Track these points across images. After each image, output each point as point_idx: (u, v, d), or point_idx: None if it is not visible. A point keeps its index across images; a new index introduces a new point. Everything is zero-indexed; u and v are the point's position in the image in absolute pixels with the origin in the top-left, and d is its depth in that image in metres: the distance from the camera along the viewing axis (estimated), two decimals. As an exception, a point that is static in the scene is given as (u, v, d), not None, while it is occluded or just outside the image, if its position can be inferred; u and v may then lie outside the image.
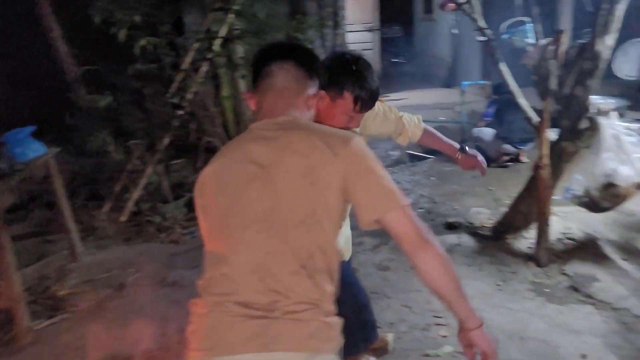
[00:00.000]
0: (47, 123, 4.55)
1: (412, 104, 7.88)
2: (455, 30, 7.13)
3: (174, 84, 4.63)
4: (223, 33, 4.65)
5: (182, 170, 4.93)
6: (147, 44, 4.17)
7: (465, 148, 2.18)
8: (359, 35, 9.00)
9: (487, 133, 5.56)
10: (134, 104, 4.93)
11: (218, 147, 4.68)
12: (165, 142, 4.50)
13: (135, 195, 4.33)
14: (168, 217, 4.29)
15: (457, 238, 3.93)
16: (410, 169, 5.73)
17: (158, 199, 4.49)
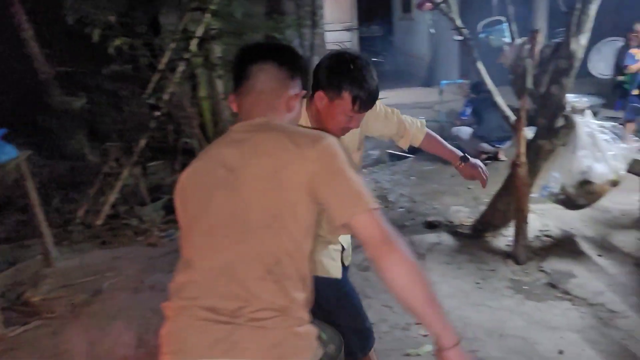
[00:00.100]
0: (19, 125, 4.45)
1: (391, 103, 7.79)
2: (433, 30, 7.18)
3: (151, 85, 4.56)
4: (200, 33, 4.60)
5: (159, 172, 4.87)
6: (122, 44, 4.09)
7: (467, 157, 2.13)
8: (338, 35, 9.00)
9: (465, 132, 5.60)
10: (110, 106, 4.86)
11: (196, 148, 4.64)
12: (142, 143, 4.44)
13: (112, 198, 4.26)
14: (145, 219, 4.23)
15: (436, 237, 3.94)
16: (390, 168, 5.74)
17: (135, 202, 4.42)
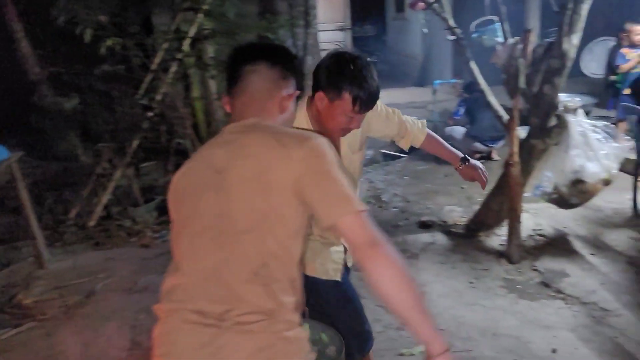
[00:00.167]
0: (11, 126, 4.43)
1: (384, 103, 7.90)
2: (426, 30, 7.19)
3: (143, 85, 4.54)
4: (192, 33, 4.58)
5: (152, 173, 4.85)
6: (113, 45, 4.07)
7: (468, 159, 2.12)
8: (331, 35, 9.00)
9: (458, 131, 5.61)
10: (102, 106, 4.83)
11: (189, 148, 4.62)
12: (135, 144, 4.42)
13: (104, 199, 4.23)
14: (138, 220, 4.21)
15: (430, 237, 3.95)
16: (384, 168, 5.75)
17: (128, 203, 4.40)
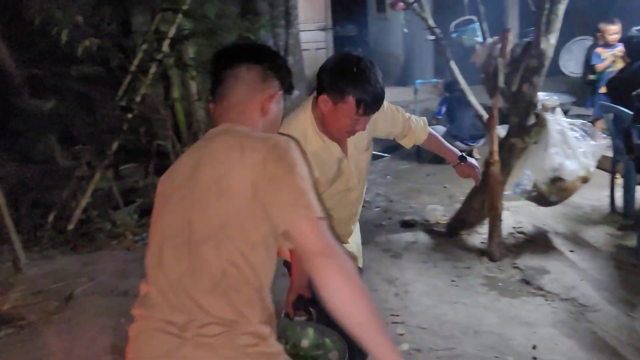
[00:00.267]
0: (-14, 129, 4.33)
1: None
2: (406, 30, 7.22)
3: (122, 87, 4.49)
4: (172, 34, 4.54)
5: (133, 175, 4.80)
6: (91, 45, 4.01)
7: (466, 157, 2.19)
8: (313, 35, 8.98)
9: (439, 130, 5.64)
10: (81, 108, 4.76)
11: (169, 150, 4.58)
12: (114, 146, 4.36)
13: (83, 203, 4.17)
14: (119, 223, 4.16)
15: (413, 236, 3.97)
16: (367, 168, 5.75)
17: (108, 206, 4.35)
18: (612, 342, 2.62)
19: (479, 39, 4.37)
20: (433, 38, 4.03)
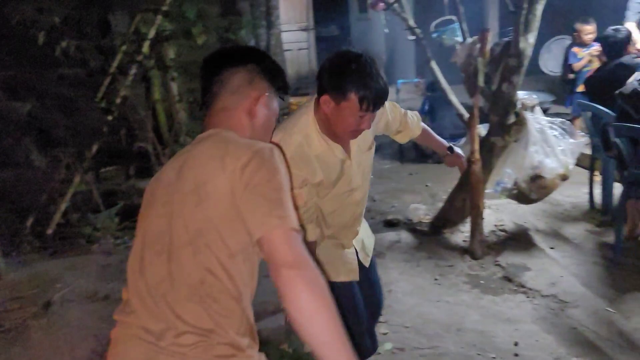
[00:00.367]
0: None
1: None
2: (387, 30, 7.25)
3: (102, 88, 4.43)
4: (152, 35, 4.50)
5: (114, 178, 4.74)
6: (68, 47, 3.95)
7: (453, 148, 2.27)
8: (294, 35, 8.97)
9: (422, 129, 5.67)
10: (60, 110, 4.68)
11: (150, 152, 4.53)
12: (94, 149, 4.30)
13: (63, 206, 4.11)
14: (99, 227, 4.11)
15: (396, 235, 3.98)
16: (350, 168, 5.75)
17: (88, 209, 4.28)
18: (591, 336, 2.66)
19: (459, 39, 4.40)
20: (414, 38, 4.04)
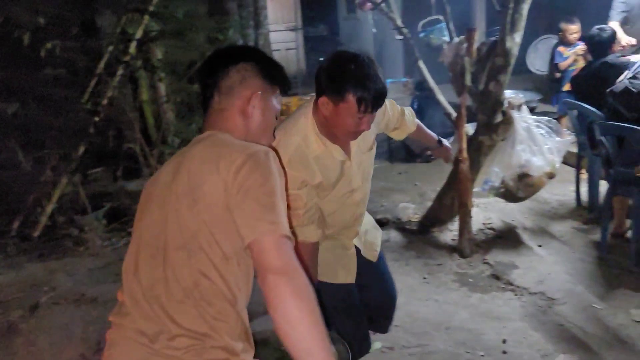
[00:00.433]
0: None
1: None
2: (374, 30, 7.27)
3: (88, 89, 4.40)
4: (139, 35, 4.47)
5: (101, 180, 4.70)
6: (53, 47, 3.92)
7: (442, 141, 2.31)
8: (282, 35, 8.96)
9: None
10: (46, 111, 4.64)
11: (138, 153, 4.50)
12: (81, 150, 4.27)
13: (49, 208, 4.07)
14: (86, 229, 4.07)
15: (385, 234, 3.98)
16: (339, 168, 5.76)
17: (75, 211, 4.25)
18: (578, 333, 2.68)
19: (446, 39, 4.41)
20: (401, 38, 4.05)
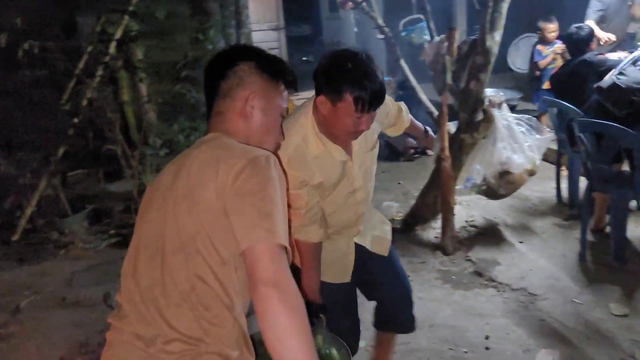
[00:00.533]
0: None
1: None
2: (356, 29, 7.28)
3: (67, 90, 4.34)
4: (119, 35, 4.42)
5: (82, 182, 4.65)
6: (31, 49, 3.86)
7: (428, 131, 2.38)
8: (265, 35, 8.92)
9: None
10: (25, 113, 4.57)
11: (119, 154, 4.46)
12: (60, 152, 4.21)
13: (29, 212, 4.01)
14: (67, 232, 4.02)
15: (368, 233, 3.99)
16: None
17: (55, 214, 4.19)
18: (559, 328, 2.72)
19: (427, 38, 4.44)
20: (383, 37, 4.07)
